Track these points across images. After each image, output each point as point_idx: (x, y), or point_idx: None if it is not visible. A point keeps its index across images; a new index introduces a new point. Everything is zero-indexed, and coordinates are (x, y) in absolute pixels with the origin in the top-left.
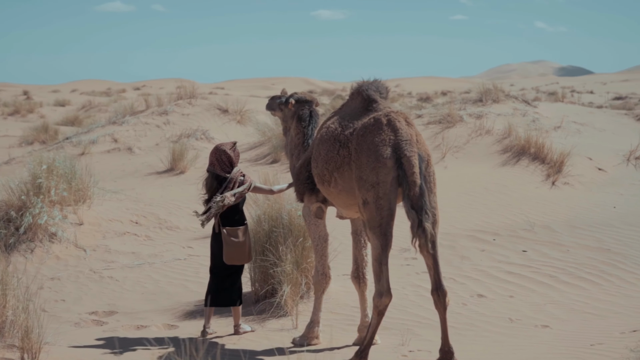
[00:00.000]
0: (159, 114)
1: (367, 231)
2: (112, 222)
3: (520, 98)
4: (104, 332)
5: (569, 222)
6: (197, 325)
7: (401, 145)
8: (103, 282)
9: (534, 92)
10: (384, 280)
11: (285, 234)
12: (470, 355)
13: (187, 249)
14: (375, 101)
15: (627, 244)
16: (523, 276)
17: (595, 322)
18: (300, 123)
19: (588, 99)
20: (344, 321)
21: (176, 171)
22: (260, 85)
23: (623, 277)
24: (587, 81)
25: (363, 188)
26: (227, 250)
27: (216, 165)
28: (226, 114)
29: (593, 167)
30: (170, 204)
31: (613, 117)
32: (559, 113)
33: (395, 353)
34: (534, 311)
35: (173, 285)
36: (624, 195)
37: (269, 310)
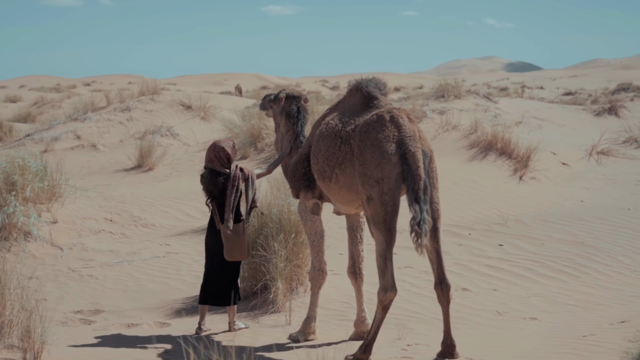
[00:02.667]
0: (121, 110)
1: (371, 227)
2: (86, 220)
3: (481, 94)
4: (94, 331)
5: (540, 216)
6: (188, 322)
7: (405, 141)
8: (83, 280)
9: (485, 87)
10: (389, 275)
11: (277, 230)
12: (466, 348)
13: (165, 247)
14: (375, 98)
15: (598, 237)
16: (503, 270)
17: (580, 314)
18: (289, 120)
19: (539, 95)
20: (335, 316)
21: (144, 168)
22: (212, 81)
23: (599, 269)
24: (536, 77)
25: (367, 184)
26: (228, 246)
27: (215, 162)
28: (189, 110)
29: (557, 162)
30: (143, 202)
31: (571, 113)
32: (520, 108)
33: (394, 347)
34: (519, 304)
35: (155, 283)
36: (590, 189)
37: (261, 306)
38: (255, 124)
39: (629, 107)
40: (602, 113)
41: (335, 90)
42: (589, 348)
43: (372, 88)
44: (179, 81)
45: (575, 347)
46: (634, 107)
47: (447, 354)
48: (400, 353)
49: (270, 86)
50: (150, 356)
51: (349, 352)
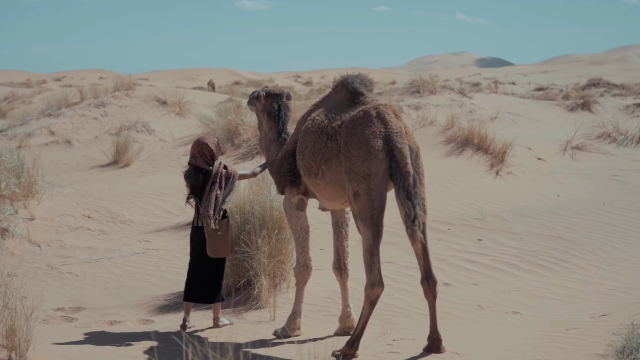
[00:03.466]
0: (95, 105)
1: (358, 223)
2: (64, 216)
3: (456, 89)
4: (76, 328)
5: (518, 211)
6: (172, 319)
7: (392, 137)
8: (62, 277)
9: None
10: (376, 270)
11: (260, 226)
12: (451, 342)
13: (144, 243)
14: (361, 94)
15: (575, 232)
16: (483, 264)
17: (561, 308)
18: (271, 118)
19: (511, 90)
20: (319, 312)
21: (120, 164)
22: (184, 76)
23: (577, 263)
24: (508, 72)
25: (354, 180)
26: (211, 243)
27: (198, 158)
28: (165, 105)
29: (533, 157)
30: (120, 198)
31: (545, 108)
32: (494, 104)
33: (380, 342)
34: (500, 298)
35: (135, 280)
36: (565, 184)
37: (245, 302)
38: (232, 119)
39: (601, 102)
40: (576, 108)
41: (308, 85)
42: (573, 341)
43: (358, 84)
44: (150, 76)
45: (559, 340)
46: (607, 102)
47: (434, 349)
48: (386, 348)
49: (243, 81)
50: (136, 353)
51: (335, 348)
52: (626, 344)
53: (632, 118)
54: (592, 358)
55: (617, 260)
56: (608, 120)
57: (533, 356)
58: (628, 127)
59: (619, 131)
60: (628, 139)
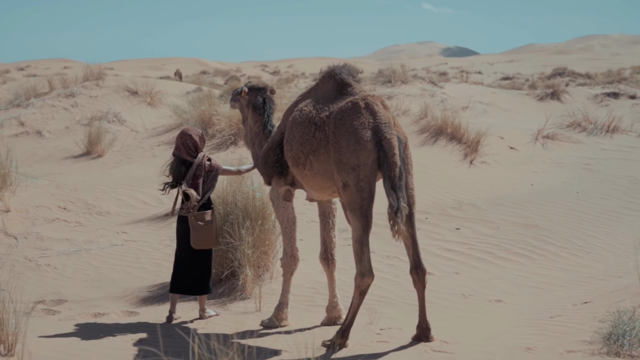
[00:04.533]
0: (65, 96)
1: (347, 213)
2: (39, 208)
3: (427, 79)
4: (60, 321)
5: (493, 200)
6: (156, 310)
7: (381, 128)
8: (41, 270)
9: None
10: (366, 260)
11: (243, 217)
12: (438, 331)
13: (121, 234)
14: (349, 85)
15: (551, 220)
16: (462, 253)
17: (543, 296)
18: (256, 111)
19: (477, 80)
20: (303, 302)
21: (93, 155)
22: (150, 66)
23: (554, 251)
24: (474, 62)
25: (343, 171)
26: (195, 235)
27: (182, 150)
28: (136, 95)
29: (505, 146)
30: (96, 189)
31: (515, 97)
32: (465, 93)
33: (368, 332)
34: (482, 287)
35: (115, 272)
36: (538, 173)
37: (229, 293)
38: (206, 109)
39: (570, 92)
40: (545, 98)
41: (276, 75)
42: (559, 329)
43: (346, 75)
44: (116, 66)
45: (545, 328)
46: (576, 92)
47: (423, 337)
48: (375, 337)
49: (210, 71)
50: (125, 345)
51: (323, 337)
52: (612, 330)
53: (601, 107)
54: (579, 345)
55: (593, 248)
56: (578, 110)
57: (521, 344)
58: (597, 117)
59: (588, 120)
60: (598, 128)
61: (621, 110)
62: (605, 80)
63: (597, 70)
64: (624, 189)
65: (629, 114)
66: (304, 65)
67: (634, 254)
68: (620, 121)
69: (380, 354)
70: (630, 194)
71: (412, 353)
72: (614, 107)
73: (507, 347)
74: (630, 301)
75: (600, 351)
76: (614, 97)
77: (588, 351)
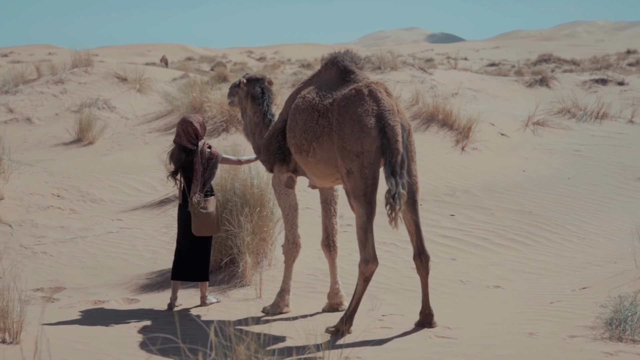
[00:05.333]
0: (54, 82)
1: (351, 200)
2: (33, 196)
3: (417, 65)
4: (60, 309)
5: (486, 186)
6: (156, 297)
7: (384, 115)
8: (37, 257)
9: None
10: (370, 247)
11: (241, 204)
12: (440, 317)
13: (116, 222)
14: (352, 72)
15: (544, 206)
16: (458, 239)
17: (540, 282)
18: (255, 101)
19: (464, 66)
20: (303, 289)
21: (84, 142)
22: (135, 52)
23: (549, 237)
24: (460, 48)
25: (347, 158)
26: (196, 222)
27: (182, 137)
28: (125, 82)
29: (496, 133)
30: (89, 176)
31: (504, 84)
32: (455, 80)
33: (370, 318)
34: (479, 273)
35: (112, 259)
36: (529, 159)
37: (229, 280)
38: (197, 96)
39: (559, 78)
40: (534, 84)
41: (262, 61)
42: (560, 314)
43: (348, 62)
44: (101, 52)
45: (546, 313)
46: (564, 78)
47: (426, 323)
48: (378, 323)
49: (195, 57)
50: (129, 332)
51: (325, 324)
52: (614, 316)
53: (590, 94)
54: (581, 330)
55: (587, 234)
56: (567, 96)
57: (523, 329)
58: (587, 103)
59: (578, 107)
60: (587, 114)
61: (610, 97)
62: (591, 66)
63: (583, 56)
64: (615, 175)
65: (617, 101)
66: (290, 51)
67: (629, 240)
68: (609, 108)
69: (385, 339)
70: (621, 179)
71: (417, 339)
72: (603, 93)
73: (510, 332)
74: (629, 287)
75: (602, 336)
76: (602, 84)
77: (590, 336)
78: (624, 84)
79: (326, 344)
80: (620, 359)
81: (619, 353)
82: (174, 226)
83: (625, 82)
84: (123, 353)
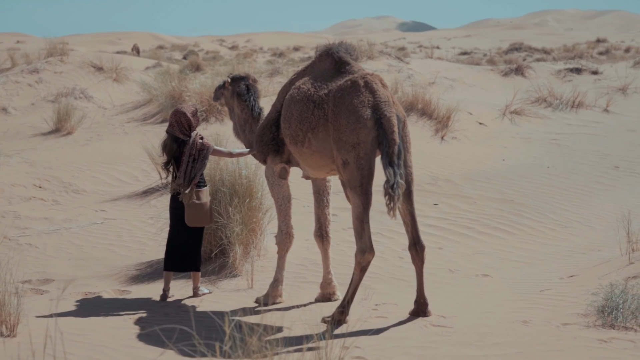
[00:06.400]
0: (29, 72)
1: (347, 191)
2: (15, 187)
3: (393, 55)
4: (52, 301)
5: (467, 175)
6: (148, 289)
7: (380, 106)
8: (22, 249)
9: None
10: (366, 237)
11: (230, 195)
12: (434, 306)
13: (100, 213)
14: (347, 63)
15: (525, 195)
16: (443, 228)
17: (527, 270)
18: (241, 98)
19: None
20: (293, 279)
21: (63, 132)
22: (106, 40)
23: (532, 226)
24: (432, 37)
25: (343, 149)
26: (189, 213)
27: (175, 127)
28: (101, 71)
29: (474, 122)
30: (70, 167)
31: (480, 73)
32: (431, 69)
33: (364, 308)
34: (466, 261)
35: (99, 250)
36: (508, 148)
37: (219, 271)
38: (176, 86)
39: (534, 67)
40: (509, 73)
41: (234, 49)
42: (551, 302)
43: (343, 53)
44: (70, 40)
45: (537, 301)
46: (539, 67)
47: (421, 312)
48: (372, 313)
49: (166, 46)
50: (125, 324)
51: (319, 314)
52: (606, 303)
53: (565, 83)
54: (574, 318)
55: (569, 222)
56: (543, 85)
57: (516, 317)
58: (562, 92)
59: (554, 96)
60: (563, 103)
61: (585, 86)
62: (563, 55)
63: (553, 45)
64: (592, 163)
65: (592, 90)
66: (262, 39)
67: (610, 228)
68: (585, 97)
69: (382, 329)
70: (599, 168)
71: (413, 328)
72: (577, 82)
73: (504, 320)
74: (617, 274)
75: (595, 323)
76: (576, 73)
77: (583, 324)
78: (598, 73)
79: (325, 334)
80: (614, 345)
81: (613, 340)
82: (160, 217)
83: (599, 71)
84: (122, 345)
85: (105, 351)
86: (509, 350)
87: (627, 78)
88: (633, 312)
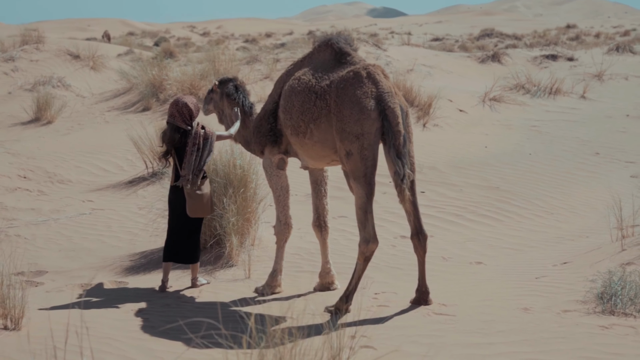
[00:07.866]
0: (4, 60)
1: (350, 181)
2: None
3: (371, 42)
4: (48, 293)
5: (451, 163)
6: (144, 279)
7: (384, 97)
8: (11, 241)
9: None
10: (370, 227)
11: (225, 185)
12: (433, 294)
13: (87, 203)
14: (348, 54)
15: (510, 182)
16: (432, 216)
17: (519, 257)
18: (230, 98)
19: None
20: (290, 269)
21: (43, 121)
22: (75, 27)
23: (519, 213)
24: (403, 23)
25: (346, 140)
26: (191, 203)
27: (177, 117)
28: (78, 59)
29: (455, 109)
30: (54, 157)
31: (457, 60)
32: (409, 56)
33: (364, 297)
34: (459, 249)
35: (89, 241)
36: (489, 135)
37: (215, 261)
38: (157, 74)
39: (510, 54)
40: (486, 60)
41: (205, 36)
42: (548, 289)
43: (344, 44)
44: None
45: (534, 288)
46: (515, 54)
47: (422, 301)
48: (373, 302)
49: (137, 32)
50: (129, 315)
51: (319, 303)
52: (604, 290)
53: (541, 69)
54: (574, 305)
55: (556, 209)
56: (520, 72)
57: (516, 305)
58: (540, 79)
59: (532, 82)
60: (541, 90)
61: (561, 72)
62: (536, 41)
63: (523, 31)
64: (573, 150)
65: (569, 76)
66: (233, 26)
67: (597, 215)
68: (562, 83)
69: (385, 317)
70: (580, 155)
71: (416, 316)
72: (554, 69)
73: (505, 308)
74: (610, 261)
75: (595, 310)
76: (552, 59)
77: (583, 310)
78: (574, 59)
79: (330, 322)
80: (616, 332)
81: (614, 326)
82: (152, 207)
83: (574, 57)
84: (128, 337)
85: (113, 344)
86: (514, 338)
87: (603, 65)
88: (632, 299)
